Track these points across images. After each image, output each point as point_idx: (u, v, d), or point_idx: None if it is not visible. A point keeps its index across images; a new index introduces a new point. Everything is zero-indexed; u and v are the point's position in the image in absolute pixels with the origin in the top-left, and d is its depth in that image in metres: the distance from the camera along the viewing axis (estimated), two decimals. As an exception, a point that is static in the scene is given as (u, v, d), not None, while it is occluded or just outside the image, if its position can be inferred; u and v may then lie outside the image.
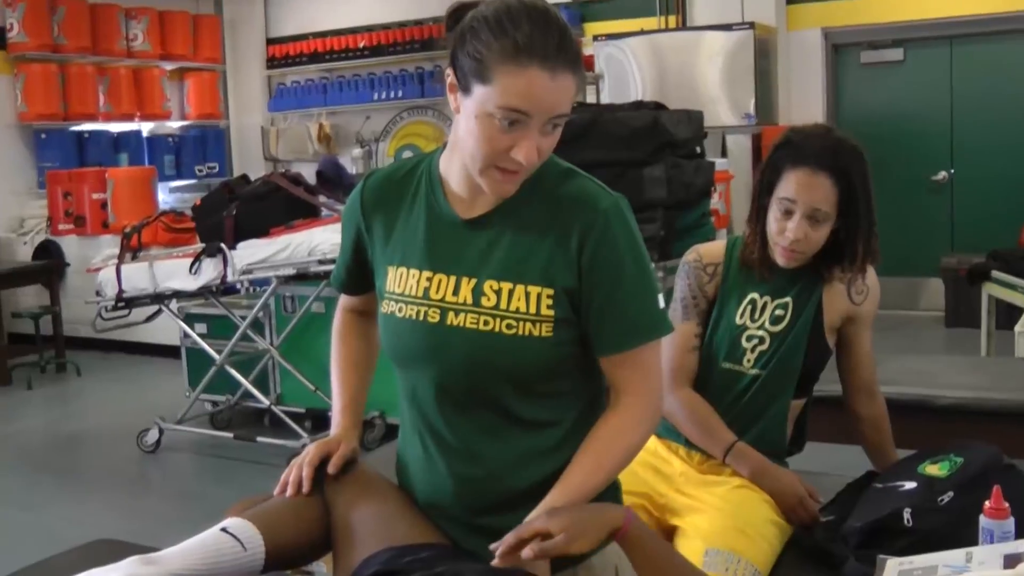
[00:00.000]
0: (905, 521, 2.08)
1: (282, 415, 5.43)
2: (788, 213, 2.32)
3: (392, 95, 9.85)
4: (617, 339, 1.73)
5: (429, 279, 1.74)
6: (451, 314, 1.71)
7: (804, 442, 2.59)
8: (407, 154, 9.55)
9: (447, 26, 1.67)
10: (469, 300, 1.71)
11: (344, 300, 2.06)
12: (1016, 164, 8.03)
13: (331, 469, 1.84)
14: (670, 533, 2.35)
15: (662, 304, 1.77)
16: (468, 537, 1.79)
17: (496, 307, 1.69)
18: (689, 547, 2.22)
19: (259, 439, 5.39)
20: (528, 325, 1.68)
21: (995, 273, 5.07)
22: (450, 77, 1.65)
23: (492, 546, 1.61)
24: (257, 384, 5.63)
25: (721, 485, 2.39)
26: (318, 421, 5.54)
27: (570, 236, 1.69)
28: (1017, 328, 3.67)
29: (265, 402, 5.55)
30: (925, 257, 8.05)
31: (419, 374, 1.76)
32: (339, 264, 1.98)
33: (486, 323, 1.69)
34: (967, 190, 8.31)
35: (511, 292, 1.69)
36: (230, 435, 5.58)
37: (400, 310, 1.76)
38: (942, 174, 8.41)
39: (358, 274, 1.92)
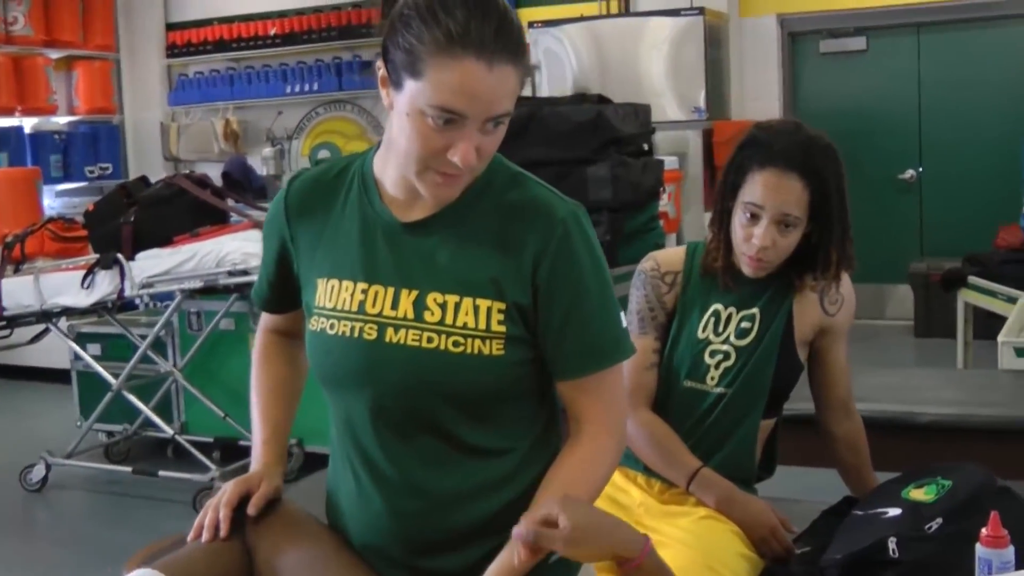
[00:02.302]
0: (890, 552, 2.07)
1: (187, 445, 5.33)
2: (755, 218, 2.33)
3: (307, 88, 9.77)
4: (578, 363, 1.72)
5: (364, 291, 1.72)
6: (390, 330, 1.69)
7: (774, 466, 2.60)
8: (323, 154, 9.50)
9: (382, 12, 1.65)
10: (410, 314, 1.69)
11: (266, 320, 2.02)
12: (989, 161, 8.18)
13: (252, 510, 1.80)
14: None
15: (625, 323, 1.76)
16: (409, 582, 1.76)
17: (441, 322, 1.67)
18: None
19: (161, 473, 5.29)
20: (477, 342, 1.66)
21: (972, 279, 5.15)
22: (381, 70, 1.64)
23: (515, 530, 1.57)
24: (159, 411, 5.53)
25: (685, 516, 2.38)
26: (228, 451, 5.46)
27: (523, 250, 1.68)
28: (1000, 338, 3.72)
29: (168, 431, 5.45)
30: (892, 262, 8.15)
31: (353, 398, 1.73)
32: (261, 278, 1.95)
33: (430, 340, 1.67)
34: (937, 190, 8.45)
35: (458, 306, 1.67)
36: (128, 469, 5.47)
37: (332, 326, 1.73)
38: (910, 172, 8.54)
39: (283, 289, 1.89)
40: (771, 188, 2.30)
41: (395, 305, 1.69)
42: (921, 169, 8.43)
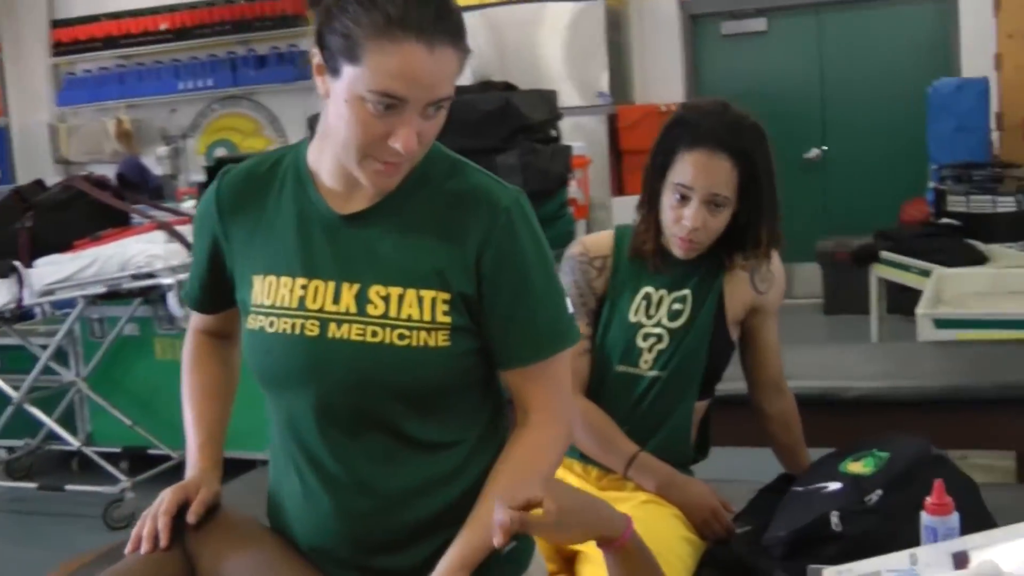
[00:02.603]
0: (833, 526, 2.11)
1: (94, 457, 5.22)
2: (684, 199, 2.34)
3: (201, 84, 9.63)
4: (525, 351, 1.72)
5: (304, 287, 1.69)
6: (332, 325, 1.67)
7: (708, 448, 2.62)
8: (220, 151, 9.37)
9: (310, 1, 1.63)
10: (353, 308, 1.67)
11: (197, 321, 1.99)
12: (893, 138, 8.36)
13: (191, 517, 1.77)
14: (571, 560, 2.33)
15: (571, 309, 1.77)
16: (360, 582, 1.74)
17: (385, 315, 1.65)
18: (596, 574, 2.21)
19: (68, 487, 5.16)
20: (423, 334, 1.65)
21: (884, 254, 5.25)
22: (316, 58, 1.62)
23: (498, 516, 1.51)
24: (63, 423, 5.40)
25: (624, 502, 2.38)
26: (137, 462, 5.36)
27: (466, 238, 1.67)
28: (919, 310, 3.80)
29: (73, 443, 5.33)
30: (799, 241, 8.18)
31: (296, 397, 1.71)
32: (192, 279, 1.91)
33: (374, 334, 1.65)
34: (841, 168, 8.62)
35: (401, 298, 1.66)
36: (33, 485, 5.34)
37: (271, 324, 1.70)
38: (814, 152, 8.69)
39: (215, 289, 1.86)
40: (701, 169, 2.31)
41: (337, 299, 1.67)
42: (825, 148, 8.58)
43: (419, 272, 1.66)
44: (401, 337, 1.65)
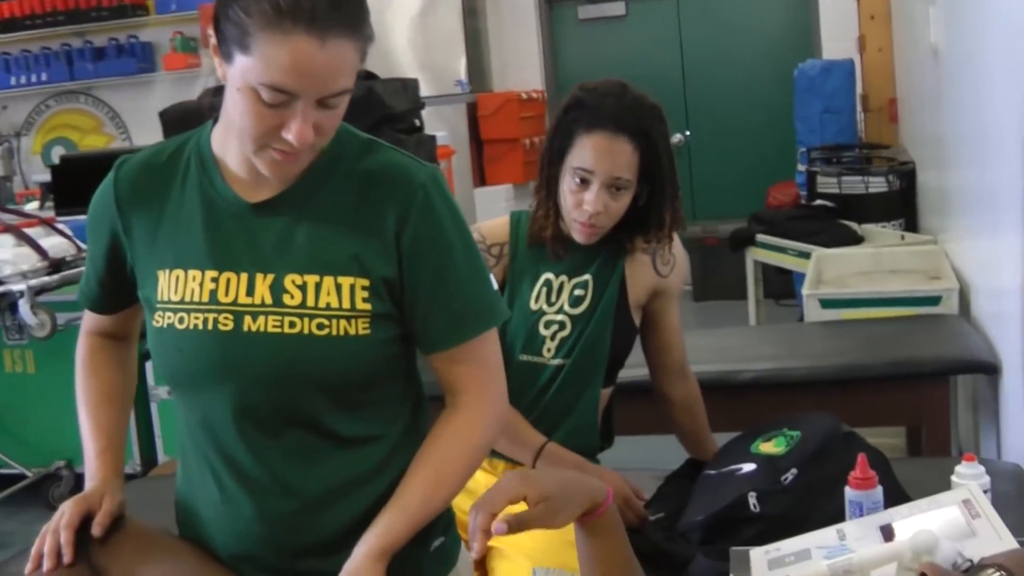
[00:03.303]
0: (751, 507, 2.17)
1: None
2: (585, 183, 2.36)
3: (34, 79, 9.30)
4: (450, 332, 1.73)
5: (215, 279, 1.67)
6: (248, 318, 1.65)
7: (613, 436, 2.66)
8: (59, 150, 9.07)
9: None
10: (268, 300, 1.65)
11: (90, 322, 1.94)
12: (757, 122, 8.55)
13: (97, 530, 1.72)
14: (484, 556, 2.34)
15: (495, 285, 1.77)
16: (286, 587, 1.73)
17: (302, 305, 1.64)
18: (512, 568, 2.23)
19: (-87, 512, 4.98)
20: (343, 323, 1.64)
21: (760, 237, 5.37)
22: (213, 39, 1.60)
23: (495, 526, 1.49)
24: None
25: (536, 494, 2.41)
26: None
27: (384, 219, 1.67)
28: (804, 291, 3.90)
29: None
30: (666, 228, 8.40)
31: (211, 396, 1.69)
32: (88, 277, 1.87)
33: (292, 325, 1.64)
34: (706, 153, 8.78)
35: (318, 286, 1.65)
36: None
37: (181, 320, 1.68)
38: (677, 137, 8.83)
39: (115, 287, 1.82)
40: (601, 152, 2.34)
41: (251, 291, 1.65)
42: (688, 133, 8.73)
43: (336, 258, 1.66)
44: (320, 327, 1.64)
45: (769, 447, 2.34)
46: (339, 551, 1.70)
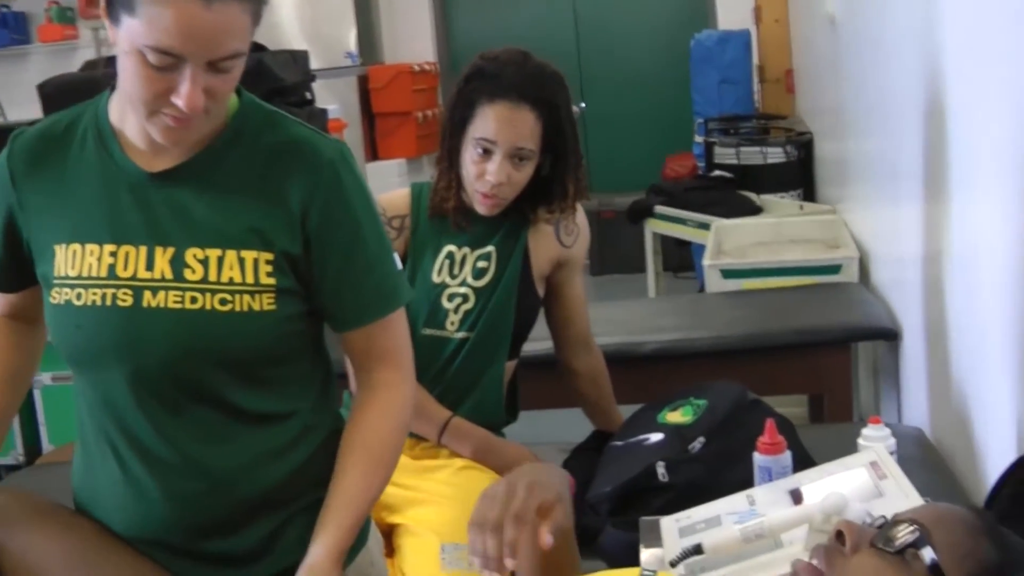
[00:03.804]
0: (660, 476, 2.20)
1: None
2: (487, 153, 2.37)
3: None
4: (362, 310, 1.74)
5: (114, 254, 1.65)
6: (147, 294, 1.64)
7: (518, 410, 2.68)
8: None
9: None
10: (168, 274, 1.64)
11: None
12: (653, 93, 8.64)
13: None
14: (388, 533, 2.35)
15: (399, 264, 1.78)
16: (194, 569, 1.73)
17: (204, 280, 1.63)
18: (420, 545, 2.24)
19: None
20: (246, 298, 1.64)
21: (659, 208, 5.43)
22: (102, 1, 1.58)
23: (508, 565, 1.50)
24: None
25: (441, 469, 2.42)
26: None
27: (289, 195, 1.66)
28: (705, 262, 3.97)
29: None
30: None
31: (111, 374, 1.67)
32: None
33: (193, 300, 1.63)
34: (601, 125, 8.84)
35: (221, 260, 1.64)
36: None
37: (79, 296, 1.65)
38: (572, 109, 8.87)
39: (14, 265, 1.79)
40: (503, 122, 2.34)
41: (150, 266, 1.64)
42: (584, 105, 8.78)
43: (239, 232, 1.65)
44: (223, 302, 1.63)
45: (676, 416, 2.37)
46: (247, 530, 1.71)
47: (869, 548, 1.28)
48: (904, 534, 1.26)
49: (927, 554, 1.23)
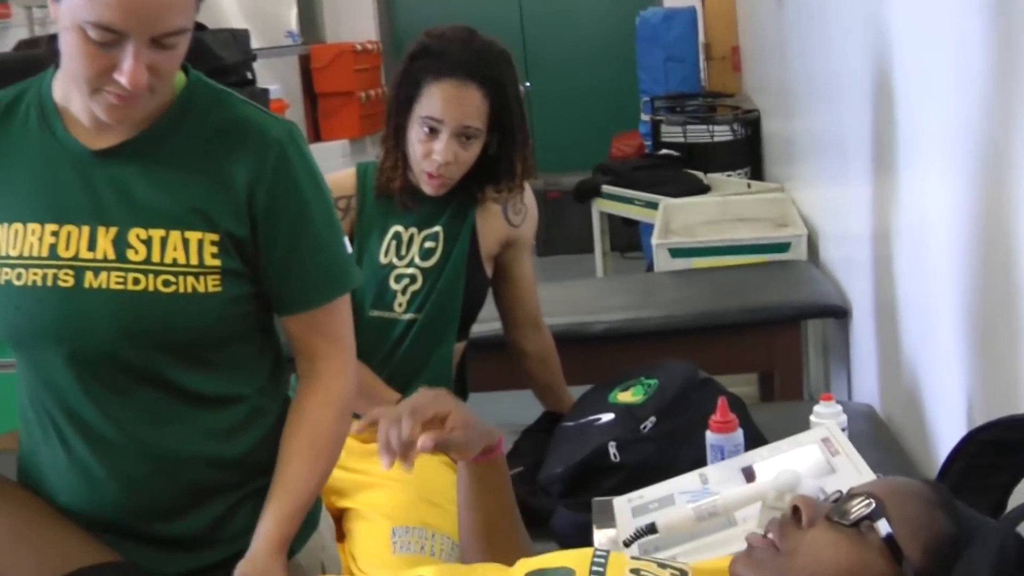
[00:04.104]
0: (611, 456, 2.21)
1: None
2: (434, 132, 2.36)
3: None
4: (308, 295, 1.73)
5: (55, 233, 1.63)
6: (89, 274, 1.62)
7: (467, 392, 2.69)
8: None
9: None
10: (111, 255, 1.62)
11: None
12: (599, 72, 8.65)
13: None
14: (339, 518, 2.34)
15: (349, 248, 1.78)
16: (141, 552, 1.71)
17: (147, 260, 1.62)
18: (371, 529, 2.24)
19: None
20: (191, 280, 1.63)
21: (606, 188, 5.44)
22: None
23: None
24: None
25: (391, 453, 2.41)
26: None
27: (234, 175, 1.65)
28: (654, 240, 3.98)
29: None
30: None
31: (54, 355, 1.65)
32: None
33: (136, 281, 1.61)
34: (546, 105, 8.84)
35: (164, 240, 1.63)
36: None
37: (19, 276, 1.64)
38: (520, 87, 8.86)
39: None
40: (450, 100, 2.34)
41: (92, 246, 1.62)
42: (528, 85, 8.78)
43: (184, 212, 1.63)
44: (167, 284, 1.61)
45: (627, 396, 2.39)
46: (194, 513, 1.71)
47: (824, 522, 1.30)
48: (859, 507, 1.28)
49: (882, 526, 1.25)
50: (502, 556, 1.61)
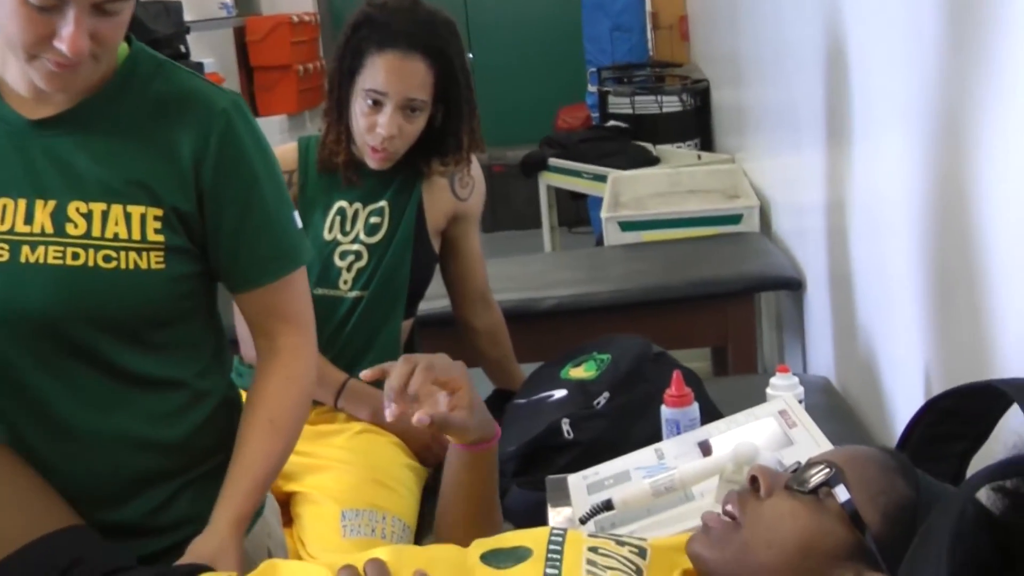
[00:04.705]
0: (565, 433, 2.22)
1: None
2: (377, 105, 2.35)
3: None
4: (261, 269, 1.73)
5: None
6: (26, 249, 1.60)
7: (416, 371, 2.67)
8: None
9: None
10: (49, 229, 1.61)
11: None
12: (544, 43, 8.65)
13: None
14: (286, 502, 2.34)
15: (299, 222, 1.77)
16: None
17: (87, 235, 1.61)
18: (320, 513, 2.24)
19: None
20: (133, 256, 1.61)
21: (553, 161, 5.44)
22: None
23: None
24: None
25: (339, 434, 2.42)
26: None
27: (179, 147, 1.64)
28: (603, 214, 3.99)
29: None
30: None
31: None
32: None
33: (75, 257, 1.60)
34: (490, 77, 8.80)
35: (105, 214, 1.61)
36: None
37: None
38: (465, 57, 8.84)
39: None
40: (394, 72, 2.33)
41: (29, 219, 1.60)
42: (472, 57, 8.76)
43: (124, 185, 1.62)
44: (107, 259, 1.60)
45: (579, 372, 2.40)
46: (136, 499, 1.70)
47: (783, 491, 1.32)
48: (817, 475, 1.30)
49: (841, 492, 1.27)
50: (476, 536, 1.61)
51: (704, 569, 1.34)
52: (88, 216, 1.61)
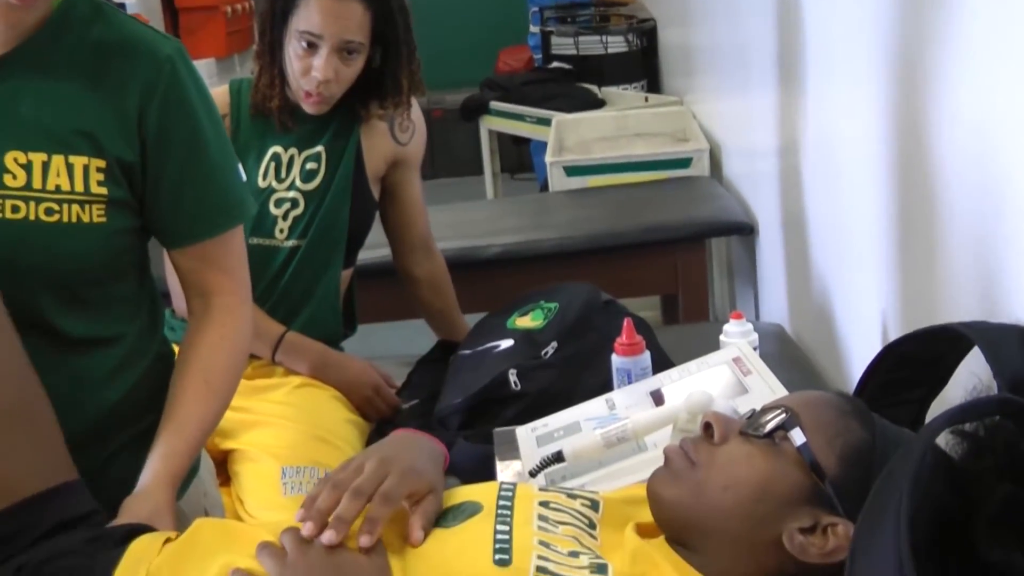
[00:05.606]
0: (512, 385, 2.22)
1: None
2: (312, 47, 2.33)
3: None
4: (201, 224, 1.72)
5: None
6: None
7: (356, 322, 2.69)
8: None
9: None
10: None
11: None
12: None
13: None
14: (223, 460, 2.34)
15: (244, 176, 1.76)
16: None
17: (27, 186, 1.59)
18: (259, 470, 2.25)
19: None
20: (75, 208, 1.60)
21: (494, 104, 5.42)
22: None
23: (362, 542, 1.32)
24: None
25: (277, 389, 2.42)
26: None
27: (124, 95, 1.63)
28: (548, 159, 3.98)
29: None
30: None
31: None
32: None
33: (15, 209, 1.58)
34: (425, 17, 8.67)
35: (46, 165, 1.59)
36: None
37: None
38: (402, -3, 8.78)
39: None
40: (329, 13, 2.31)
41: None
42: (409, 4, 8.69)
43: (67, 135, 1.60)
44: (49, 212, 1.59)
45: (526, 321, 2.41)
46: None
47: (738, 437, 1.34)
48: (772, 419, 1.32)
49: (796, 436, 1.29)
50: None
51: (662, 513, 1.36)
52: (28, 167, 1.59)
